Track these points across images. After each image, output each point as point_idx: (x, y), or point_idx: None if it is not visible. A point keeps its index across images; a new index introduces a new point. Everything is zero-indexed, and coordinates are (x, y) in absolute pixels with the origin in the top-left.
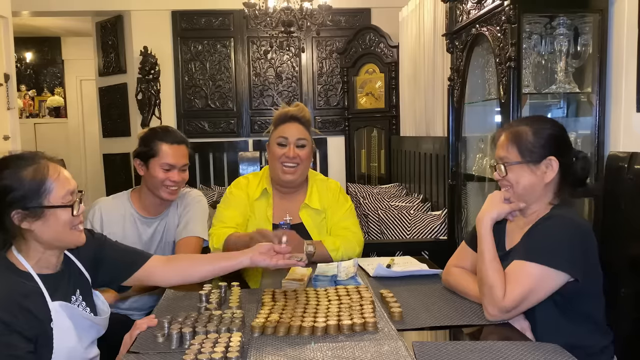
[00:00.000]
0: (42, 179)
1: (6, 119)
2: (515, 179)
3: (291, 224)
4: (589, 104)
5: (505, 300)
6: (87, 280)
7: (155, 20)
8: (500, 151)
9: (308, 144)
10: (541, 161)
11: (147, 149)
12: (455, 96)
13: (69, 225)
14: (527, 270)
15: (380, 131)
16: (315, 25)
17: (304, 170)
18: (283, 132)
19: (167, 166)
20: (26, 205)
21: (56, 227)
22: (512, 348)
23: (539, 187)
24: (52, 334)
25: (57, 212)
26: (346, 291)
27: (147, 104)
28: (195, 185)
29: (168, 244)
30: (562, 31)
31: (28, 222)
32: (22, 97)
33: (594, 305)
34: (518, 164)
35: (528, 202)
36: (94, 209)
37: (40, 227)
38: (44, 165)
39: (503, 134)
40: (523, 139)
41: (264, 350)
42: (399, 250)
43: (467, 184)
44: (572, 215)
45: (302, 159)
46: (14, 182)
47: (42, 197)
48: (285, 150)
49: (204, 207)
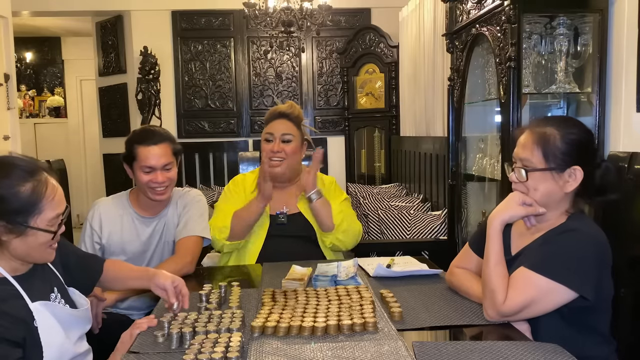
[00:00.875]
0: (38, 199)
1: (6, 119)
2: (534, 185)
3: (289, 214)
4: (589, 104)
5: (505, 306)
6: (59, 277)
7: (155, 20)
8: (523, 152)
9: (295, 139)
10: (565, 170)
11: (128, 153)
12: (455, 96)
13: (45, 245)
14: (532, 281)
15: (380, 131)
16: (315, 25)
17: (290, 163)
18: (270, 128)
19: (147, 168)
20: (12, 220)
21: (33, 245)
22: (512, 348)
23: (557, 196)
24: (37, 333)
25: (38, 234)
26: (346, 291)
27: (147, 104)
28: (195, 185)
29: (167, 244)
30: (562, 31)
31: (7, 235)
32: (22, 97)
33: (601, 319)
34: (541, 170)
35: (548, 209)
36: (93, 210)
37: (17, 242)
38: (44, 183)
39: (527, 133)
40: (550, 143)
41: (264, 350)
42: (399, 250)
43: (467, 184)
44: (590, 230)
45: (287, 153)
46: (9, 195)
47: (30, 217)
48: (271, 145)
49: (204, 206)
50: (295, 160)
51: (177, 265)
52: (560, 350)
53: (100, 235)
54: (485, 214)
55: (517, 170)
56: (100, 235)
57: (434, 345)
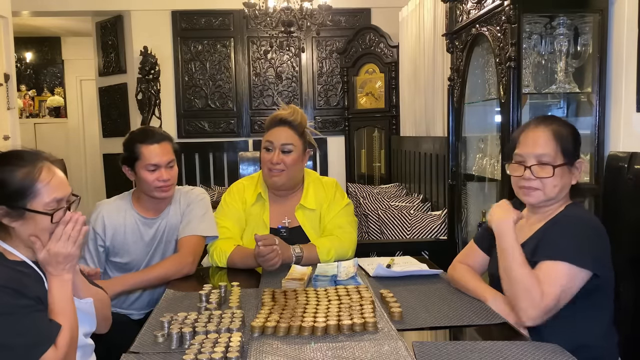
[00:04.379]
0: (31, 182)
1: (6, 119)
2: (554, 182)
3: (290, 227)
4: (589, 104)
5: (545, 300)
6: None
7: (155, 20)
8: (541, 148)
9: (296, 149)
10: (574, 163)
11: (130, 154)
12: (455, 96)
13: (47, 231)
14: (558, 270)
15: (380, 131)
16: (315, 25)
17: (291, 174)
18: (270, 136)
19: (152, 167)
20: (11, 204)
21: (34, 231)
22: (512, 348)
23: (567, 188)
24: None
25: (37, 218)
26: (346, 291)
27: (147, 104)
28: (195, 185)
29: (169, 244)
30: (562, 31)
31: (8, 219)
32: (22, 97)
33: (609, 302)
34: (562, 166)
35: (555, 200)
36: (96, 213)
37: (20, 227)
38: (39, 168)
39: (541, 131)
40: (564, 139)
41: (264, 350)
42: (399, 250)
43: (467, 184)
44: (590, 216)
45: (286, 164)
46: (5, 179)
47: (26, 200)
48: (270, 155)
49: (207, 204)
50: (296, 170)
51: (179, 264)
52: (560, 350)
53: (104, 239)
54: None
55: (538, 167)
56: (104, 239)
57: (434, 345)
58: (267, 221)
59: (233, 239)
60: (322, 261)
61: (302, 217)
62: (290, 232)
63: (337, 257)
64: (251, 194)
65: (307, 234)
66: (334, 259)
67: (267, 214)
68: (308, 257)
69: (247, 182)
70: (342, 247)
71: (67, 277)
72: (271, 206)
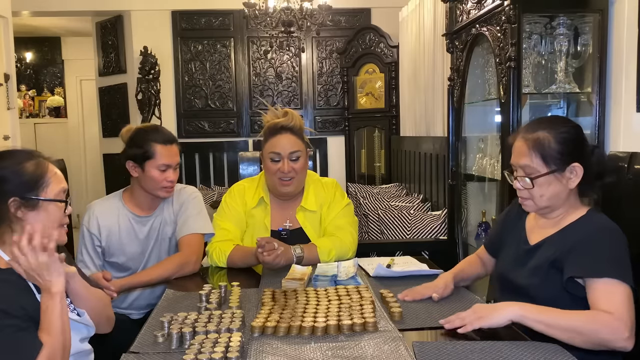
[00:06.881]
0: (42, 173)
1: (6, 119)
2: (540, 191)
3: (291, 229)
4: (589, 104)
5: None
6: None
7: (155, 20)
8: (521, 159)
9: (302, 154)
10: (565, 168)
11: (142, 151)
12: (455, 96)
13: (57, 222)
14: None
15: (380, 131)
16: (315, 25)
17: (301, 178)
18: (275, 146)
19: (164, 167)
20: (24, 195)
21: (46, 221)
22: (512, 348)
23: (563, 194)
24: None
25: (50, 207)
26: (346, 291)
27: (147, 104)
28: (195, 185)
29: (164, 241)
30: (562, 31)
31: (22, 211)
32: (22, 97)
33: None
34: (544, 175)
35: (552, 208)
36: (88, 215)
37: (33, 217)
38: (44, 161)
39: (520, 140)
40: (546, 146)
41: (264, 350)
42: (399, 250)
43: (467, 184)
44: (612, 224)
45: (297, 171)
46: (15, 172)
47: (39, 190)
48: (279, 165)
49: (200, 202)
50: (304, 174)
51: (182, 264)
52: (560, 350)
53: (100, 239)
54: (485, 214)
55: (520, 179)
56: (100, 239)
57: (434, 345)
58: (268, 224)
59: (233, 240)
60: (322, 261)
61: (303, 219)
62: (291, 234)
63: (337, 257)
64: (252, 197)
65: (308, 235)
66: (335, 259)
67: (269, 217)
68: (309, 257)
69: (248, 184)
70: (342, 247)
71: (56, 290)
72: (273, 209)
